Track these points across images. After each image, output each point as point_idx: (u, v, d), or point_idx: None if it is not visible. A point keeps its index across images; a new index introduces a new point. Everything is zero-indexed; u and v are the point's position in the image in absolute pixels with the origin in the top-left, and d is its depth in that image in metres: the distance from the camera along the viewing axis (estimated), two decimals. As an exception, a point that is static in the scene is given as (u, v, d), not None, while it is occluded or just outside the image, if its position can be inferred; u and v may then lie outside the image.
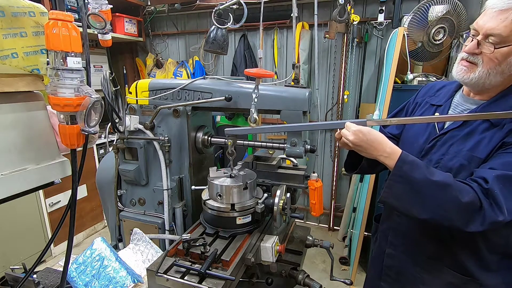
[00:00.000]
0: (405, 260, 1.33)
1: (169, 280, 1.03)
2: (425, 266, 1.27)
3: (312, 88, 3.62)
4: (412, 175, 1.03)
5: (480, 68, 1.02)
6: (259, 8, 2.58)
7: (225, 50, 1.69)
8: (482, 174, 1.02)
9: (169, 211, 1.51)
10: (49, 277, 1.27)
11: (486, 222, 0.98)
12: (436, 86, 1.34)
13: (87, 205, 3.79)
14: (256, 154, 1.71)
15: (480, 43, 0.99)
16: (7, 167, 0.84)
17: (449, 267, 1.21)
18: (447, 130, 1.18)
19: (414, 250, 1.29)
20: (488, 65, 1.00)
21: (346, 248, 3.41)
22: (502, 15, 0.93)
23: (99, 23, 1.13)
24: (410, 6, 3.09)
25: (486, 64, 1.00)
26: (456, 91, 1.26)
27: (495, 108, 1.06)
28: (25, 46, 0.86)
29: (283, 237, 1.48)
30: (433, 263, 1.25)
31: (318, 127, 1.44)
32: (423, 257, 1.27)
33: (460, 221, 1.01)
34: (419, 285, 1.29)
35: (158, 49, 4.48)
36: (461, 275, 1.18)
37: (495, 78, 1.01)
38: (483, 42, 0.98)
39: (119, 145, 1.54)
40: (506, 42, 0.94)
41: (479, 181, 1.01)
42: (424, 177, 1.02)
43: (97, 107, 0.87)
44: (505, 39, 0.94)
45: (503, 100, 1.07)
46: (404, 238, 1.32)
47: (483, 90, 1.09)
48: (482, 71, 1.02)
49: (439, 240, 1.22)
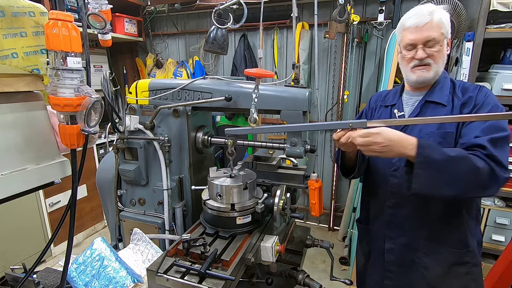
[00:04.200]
0: (405, 250, 1.39)
1: (169, 280, 1.03)
2: (424, 250, 1.36)
3: (312, 88, 3.61)
4: (434, 158, 1.11)
5: (434, 65, 1.30)
6: (259, 8, 2.57)
7: (225, 50, 1.69)
8: (476, 142, 1.16)
9: (169, 211, 1.51)
10: (49, 277, 1.27)
11: (500, 182, 1.12)
12: (382, 94, 1.57)
13: (87, 205, 3.79)
14: (256, 154, 1.71)
15: (426, 49, 1.29)
16: (7, 167, 0.84)
17: (446, 245, 1.33)
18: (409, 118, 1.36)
19: (412, 236, 1.37)
20: (437, 60, 1.30)
21: (346, 248, 3.41)
22: (426, 27, 1.26)
23: (99, 23, 1.13)
24: (410, 6, 3.07)
25: (436, 61, 1.30)
26: (402, 91, 1.49)
27: (436, 94, 1.34)
28: (25, 46, 0.87)
29: (283, 237, 1.48)
30: (431, 245, 1.34)
31: (318, 127, 1.44)
32: (421, 241, 1.36)
33: (481, 188, 1.13)
34: (421, 270, 1.36)
35: (158, 49, 4.48)
36: (458, 249, 1.32)
37: (440, 68, 1.33)
38: (426, 48, 1.29)
39: (119, 145, 1.54)
40: (439, 42, 1.27)
41: (478, 149, 1.14)
42: (444, 156, 1.11)
43: (97, 107, 0.87)
44: (438, 40, 1.27)
45: (439, 86, 1.35)
46: (400, 228, 1.39)
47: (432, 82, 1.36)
48: (435, 67, 1.31)
49: (433, 220, 1.33)
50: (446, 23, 1.27)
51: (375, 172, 1.47)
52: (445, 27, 1.28)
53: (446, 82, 1.36)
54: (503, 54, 2.50)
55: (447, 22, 1.28)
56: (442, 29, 1.27)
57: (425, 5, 1.33)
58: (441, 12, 1.28)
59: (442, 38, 1.28)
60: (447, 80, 1.37)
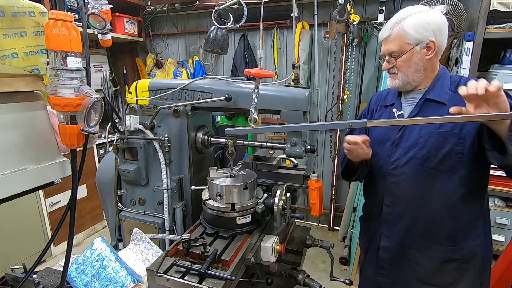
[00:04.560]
0: (399, 248, 1.41)
1: (169, 280, 1.03)
2: (417, 246, 1.38)
3: (312, 88, 3.61)
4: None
5: (399, 74, 1.34)
6: (259, 8, 2.58)
7: (225, 50, 1.69)
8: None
9: (169, 211, 1.51)
10: (49, 277, 1.27)
11: None
12: (383, 94, 1.58)
13: (87, 205, 3.79)
14: (256, 154, 1.71)
15: (389, 61, 1.35)
16: (7, 167, 0.84)
17: (439, 242, 1.34)
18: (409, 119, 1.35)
19: (406, 234, 1.39)
20: (402, 70, 1.33)
21: (346, 248, 3.41)
22: (388, 40, 1.33)
23: (99, 23, 1.13)
24: (410, 6, 3.09)
25: (401, 70, 1.33)
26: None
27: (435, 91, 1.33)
28: (25, 46, 0.87)
29: (283, 237, 1.48)
30: (424, 242, 1.36)
31: (318, 127, 1.45)
32: (414, 238, 1.38)
33: None
34: (414, 266, 1.39)
35: (158, 49, 4.48)
36: (448, 247, 1.33)
37: (414, 75, 1.33)
38: (389, 59, 1.34)
39: (119, 145, 1.54)
40: (402, 52, 1.30)
41: None
42: None
43: (97, 107, 0.87)
44: (399, 51, 1.30)
45: (438, 83, 1.34)
46: (396, 226, 1.40)
47: (414, 86, 1.37)
48: (401, 76, 1.34)
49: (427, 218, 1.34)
50: (415, 30, 1.26)
51: (375, 170, 1.47)
52: (412, 36, 1.26)
53: (446, 78, 1.35)
54: (503, 54, 2.50)
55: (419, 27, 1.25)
56: (406, 39, 1.27)
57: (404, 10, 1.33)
58: (411, 20, 1.27)
59: (407, 48, 1.28)
60: (447, 76, 1.36)
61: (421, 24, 1.26)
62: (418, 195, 1.33)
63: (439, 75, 1.36)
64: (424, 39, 1.27)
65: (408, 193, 1.35)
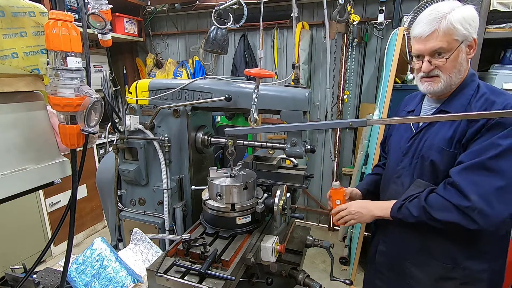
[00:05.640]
0: (395, 256, 1.40)
1: (169, 280, 1.03)
2: (414, 260, 1.35)
3: (312, 88, 3.61)
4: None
5: (443, 76, 1.20)
6: (259, 8, 2.56)
7: (225, 50, 1.69)
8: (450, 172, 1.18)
9: (169, 211, 1.51)
10: (49, 277, 1.27)
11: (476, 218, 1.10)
12: (411, 97, 1.52)
13: (87, 205, 3.79)
14: (256, 154, 1.71)
15: (431, 61, 1.20)
16: (7, 167, 0.84)
17: (437, 259, 1.29)
18: (421, 129, 1.32)
19: (403, 245, 1.37)
20: (448, 71, 1.19)
21: (346, 248, 3.41)
22: (433, 37, 1.16)
23: (99, 23, 1.13)
24: (410, 6, 3.09)
25: (446, 71, 1.19)
26: (424, 95, 1.42)
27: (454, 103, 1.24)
28: (25, 46, 0.86)
29: (283, 237, 1.48)
30: (421, 257, 1.33)
31: (318, 127, 1.45)
32: (412, 251, 1.35)
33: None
34: (409, 279, 1.36)
35: (158, 49, 4.48)
36: (448, 265, 1.27)
37: (456, 78, 1.21)
38: (432, 59, 1.19)
39: (119, 145, 1.54)
40: (450, 50, 1.16)
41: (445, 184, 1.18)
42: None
43: (97, 107, 0.87)
44: (447, 49, 1.16)
45: (460, 94, 1.24)
46: (393, 234, 1.40)
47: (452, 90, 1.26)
48: (445, 78, 1.20)
49: (427, 233, 1.29)
50: (463, 25, 1.13)
51: (385, 175, 1.48)
52: (460, 31, 1.14)
53: (470, 88, 1.23)
54: (503, 54, 2.50)
55: (465, 22, 1.14)
56: (454, 35, 1.14)
57: (438, 6, 1.18)
58: (457, 14, 1.13)
59: (455, 45, 1.15)
60: (473, 85, 1.23)
61: (467, 20, 1.14)
62: None
63: (465, 82, 1.24)
64: (469, 36, 1.16)
65: None
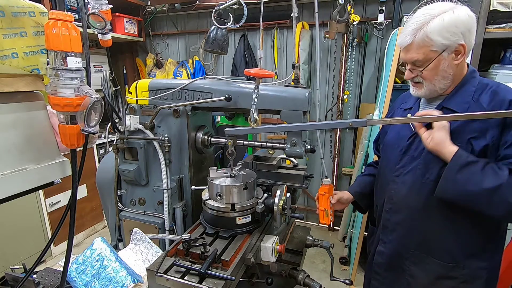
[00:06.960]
0: (394, 256, 1.39)
1: (169, 280, 1.03)
2: (412, 258, 1.34)
3: (312, 88, 3.61)
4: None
5: (425, 83, 1.23)
6: (259, 8, 2.56)
7: (225, 50, 1.69)
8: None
9: (169, 211, 1.51)
10: (49, 277, 1.27)
11: None
12: (406, 95, 1.50)
13: (87, 205, 3.79)
14: (256, 154, 1.71)
15: (412, 70, 1.23)
16: (7, 167, 0.84)
17: (435, 257, 1.28)
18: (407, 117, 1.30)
19: (402, 243, 1.36)
20: (428, 79, 1.21)
21: (346, 248, 3.41)
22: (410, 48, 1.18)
23: (99, 23, 1.13)
24: (410, 6, 3.09)
25: (427, 79, 1.21)
26: None
27: (455, 99, 1.23)
28: (25, 46, 0.87)
29: (283, 237, 1.48)
30: (420, 254, 1.32)
31: (318, 127, 1.45)
32: (410, 249, 1.34)
33: None
34: (407, 277, 1.36)
35: (158, 49, 4.48)
36: (447, 263, 1.26)
37: (441, 83, 1.22)
38: (412, 68, 1.23)
39: (119, 145, 1.54)
40: (427, 61, 1.17)
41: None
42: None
43: (97, 107, 0.87)
44: (423, 60, 1.17)
45: (460, 91, 1.24)
46: (392, 234, 1.38)
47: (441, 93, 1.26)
48: (427, 84, 1.23)
49: (425, 230, 1.29)
50: (442, 35, 1.11)
51: (382, 174, 1.47)
52: (438, 42, 1.12)
53: (471, 84, 1.22)
54: (503, 54, 2.50)
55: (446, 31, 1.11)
56: (431, 47, 1.13)
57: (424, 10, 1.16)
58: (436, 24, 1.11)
59: (433, 56, 1.15)
60: (474, 81, 1.23)
61: (447, 28, 1.11)
62: (416, 205, 1.28)
63: (465, 79, 1.23)
64: (452, 44, 1.13)
65: (407, 202, 1.31)
